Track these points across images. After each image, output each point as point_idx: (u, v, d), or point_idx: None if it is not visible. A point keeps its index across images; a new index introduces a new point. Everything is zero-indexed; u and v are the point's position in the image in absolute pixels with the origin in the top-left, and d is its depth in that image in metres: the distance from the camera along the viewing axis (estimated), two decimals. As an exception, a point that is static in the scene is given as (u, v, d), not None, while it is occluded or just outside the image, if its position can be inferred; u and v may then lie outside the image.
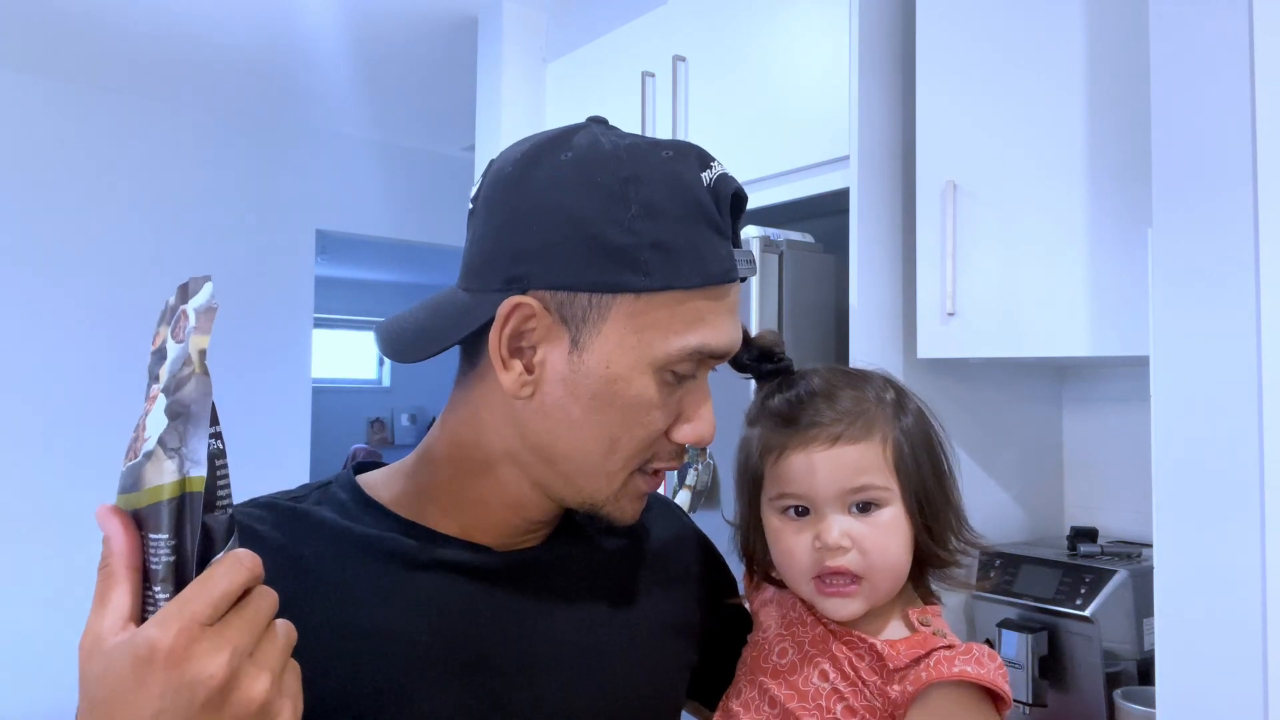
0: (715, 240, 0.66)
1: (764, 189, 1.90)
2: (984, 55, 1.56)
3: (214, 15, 2.77)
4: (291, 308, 3.84)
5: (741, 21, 1.96)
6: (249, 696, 0.47)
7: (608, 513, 0.70)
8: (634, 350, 0.65)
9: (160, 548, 0.49)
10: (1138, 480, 1.76)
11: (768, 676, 0.76)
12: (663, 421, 0.68)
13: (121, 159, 3.48)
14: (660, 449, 0.69)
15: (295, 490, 0.73)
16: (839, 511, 0.73)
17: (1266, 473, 1.01)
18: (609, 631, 0.74)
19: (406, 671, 0.64)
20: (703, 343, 0.66)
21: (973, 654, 0.70)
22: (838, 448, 0.73)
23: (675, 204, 0.65)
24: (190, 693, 0.46)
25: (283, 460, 3.72)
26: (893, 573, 0.74)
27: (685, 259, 0.65)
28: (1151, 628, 1.44)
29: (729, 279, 0.67)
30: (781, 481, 0.75)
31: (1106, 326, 1.38)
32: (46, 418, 3.30)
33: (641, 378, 0.66)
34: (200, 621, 0.46)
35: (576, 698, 0.70)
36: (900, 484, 0.74)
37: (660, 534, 0.84)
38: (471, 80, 2.86)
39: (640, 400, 0.66)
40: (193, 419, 0.49)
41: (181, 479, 0.48)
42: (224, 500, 0.50)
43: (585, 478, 0.68)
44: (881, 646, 0.72)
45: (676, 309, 0.65)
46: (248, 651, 0.48)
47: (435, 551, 0.69)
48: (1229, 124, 1.05)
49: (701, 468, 1.82)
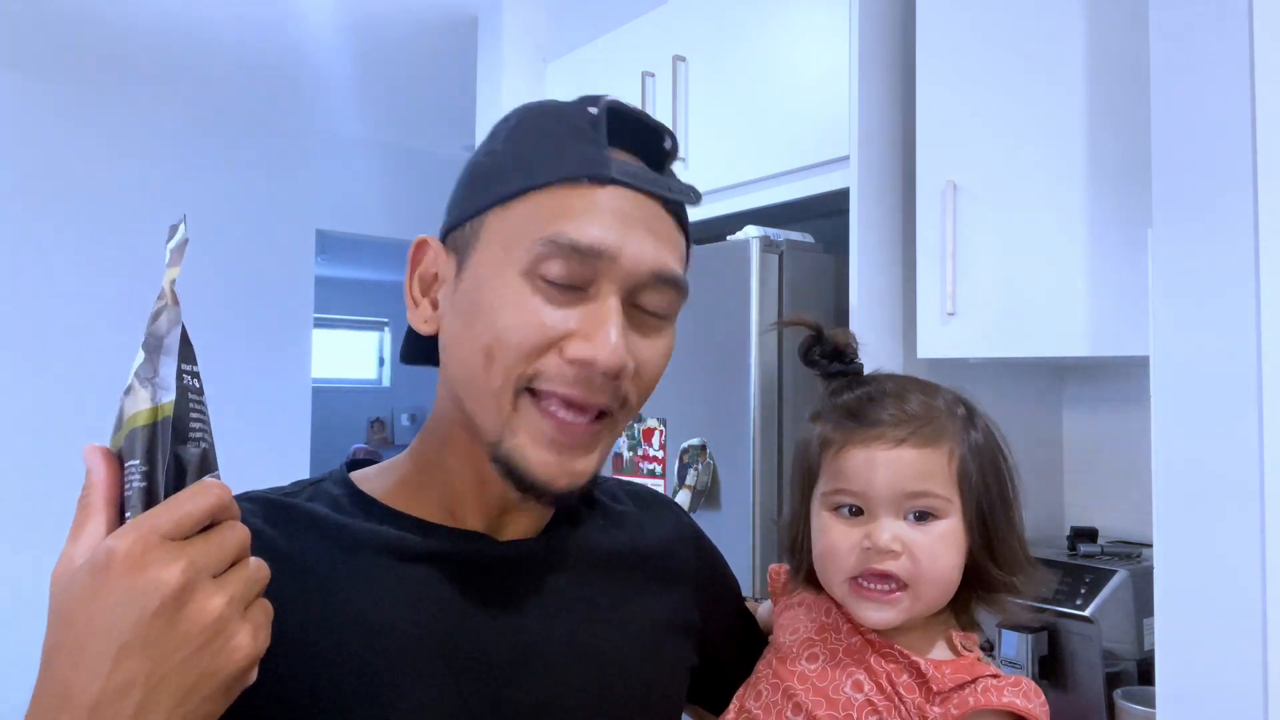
0: (578, 143, 0.66)
1: (764, 189, 1.90)
2: (984, 55, 1.56)
3: (214, 16, 2.77)
4: (291, 308, 3.84)
5: (741, 21, 1.96)
6: (203, 608, 0.47)
7: (507, 455, 0.65)
8: (499, 257, 0.65)
9: (133, 474, 0.50)
10: (1138, 480, 1.76)
11: (794, 681, 0.73)
12: (534, 327, 0.63)
13: (122, 159, 3.48)
14: (546, 366, 0.64)
15: (287, 486, 0.73)
16: (894, 516, 0.71)
17: (1266, 473, 1.01)
18: (606, 629, 0.73)
19: (400, 665, 0.64)
20: (558, 232, 0.63)
21: (1021, 687, 0.68)
22: (902, 449, 0.71)
23: (540, 123, 0.69)
24: (144, 599, 0.46)
25: (283, 460, 3.72)
26: (940, 587, 0.71)
27: (542, 162, 0.66)
28: (1151, 628, 1.44)
29: (596, 176, 0.64)
30: (839, 477, 0.73)
31: (1106, 326, 1.38)
32: (46, 418, 3.30)
33: (505, 283, 0.64)
34: (160, 533, 0.47)
35: (573, 695, 0.69)
36: (962, 498, 0.72)
37: (659, 532, 0.83)
38: (471, 80, 2.86)
39: (504, 301, 0.64)
40: (165, 349, 0.51)
41: (154, 406, 0.50)
42: (197, 434, 0.52)
43: (477, 404, 0.66)
44: (925, 665, 0.70)
45: (538, 210, 0.65)
46: (208, 569, 0.48)
47: (429, 544, 0.68)
48: (1229, 125, 1.05)
49: (701, 468, 1.82)
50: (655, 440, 1.96)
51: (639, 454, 1.99)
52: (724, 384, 1.81)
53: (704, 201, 0.63)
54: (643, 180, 0.66)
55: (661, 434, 1.94)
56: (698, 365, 1.87)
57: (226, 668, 0.48)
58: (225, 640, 0.48)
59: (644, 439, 1.98)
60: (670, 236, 0.68)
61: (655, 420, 1.96)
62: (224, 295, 3.65)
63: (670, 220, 0.69)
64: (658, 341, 0.69)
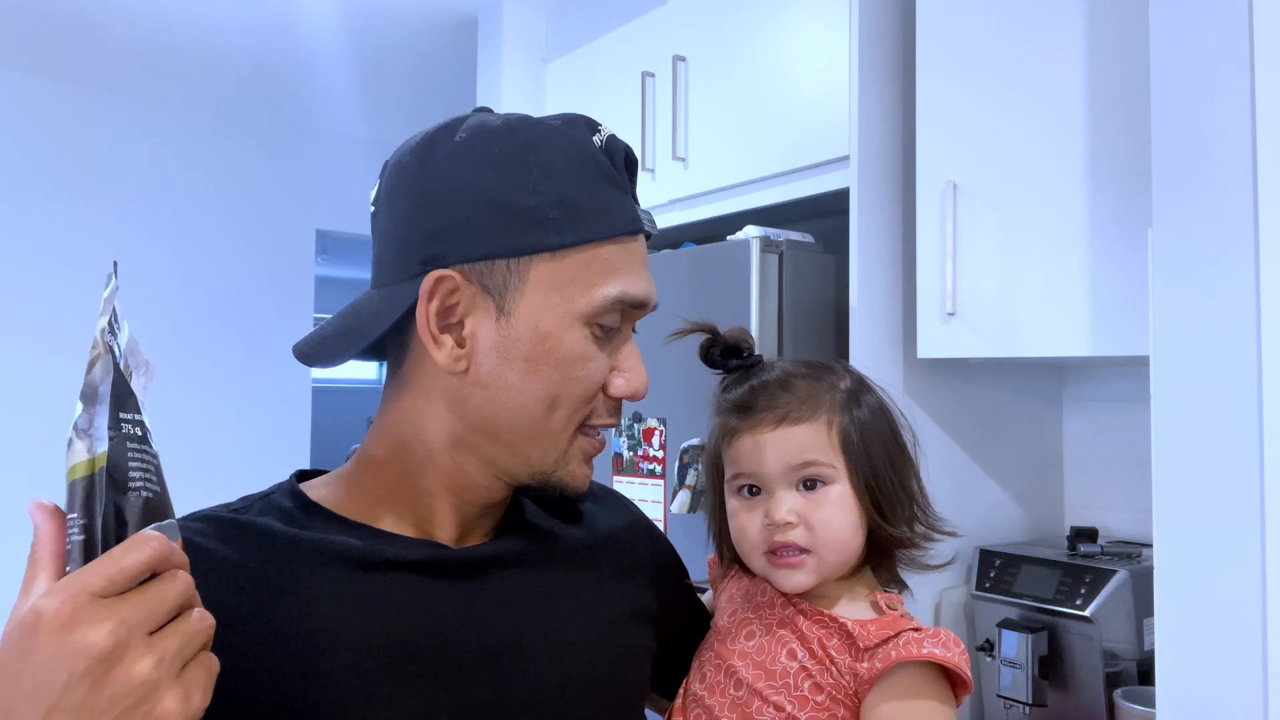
0: (617, 195, 0.70)
1: (764, 189, 1.90)
2: (984, 55, 1.56)
3: (214, 16, 2.77)
4: (291, 308, 3.84)
5: (741, 21, 1.96)
6: (130, 673, 0.45)
7: (559, 480, 0.71)
8: (559, 306, 0.67)
9: (72, 527, 0.49)
10: (1138, 480, 1.76)
11: (735, 658, 0.78)
12: (598, 374, 0.70)
13: (122, 159, 3.48)
14: (598, 405, 0.71)
15: (235, 503, 0.72)
16: (787, 489, 0.77)
17: (1266, 473, 1.01)
18: (571, 621, 0.74)
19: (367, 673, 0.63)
20: (624, 291, 0.69)
21: (940, 638, 0.73)
22: (783, 428, 0.77)
23: (574, 164, 0.68)
24: (71, 662, 0.44)
25: (283, 461, 3.72)
26: (839, 546, 0.77)
27: (592, 213, 0.67)
28: (1151, 628, 1.44)
29: (637, 230, 0.71)
30: (736, 462, 0.80)
31: (1106, 326, 1.38)
32: (45, 418, 3.30)
33: (571, 332, 0.68)
34: (91, 592, 0.45)
35: (542, 689, 0.69)
36: (848, 465, 0.78)
37: (611, 523, 0.84)
38: (471, 80, 2.86)
39: (574, 354, 0.68)
40: (99, 398, 0.50)
41: (90, 459, 0.49)
42: (138, 483, 0.50)
43: (531, 443, 0.69)
44: (853, 626, 0.75)
45: (592, 263, 0.68)
46: (142, 628, 0.46)
47: (385, 551, 0.68)
48: (1229, 124, 1.05)
49: (701, 468, 1.82)
50: (655, 440, 1.96)
51: (639, 454, 1.99)
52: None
53: (704, 201, 0.64)
54: (650, 226, 0.73)
55: (661, 434, 1.94)
56: (698, 365, 1.87)
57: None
58: (154, 704, 0.46)
59: (644, 439, 1.98)
60: None
61: (655, 420, 1.96)
62: (224, 295, 3.64)
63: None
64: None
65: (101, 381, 0.50)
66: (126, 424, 0.50)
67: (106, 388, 0.50)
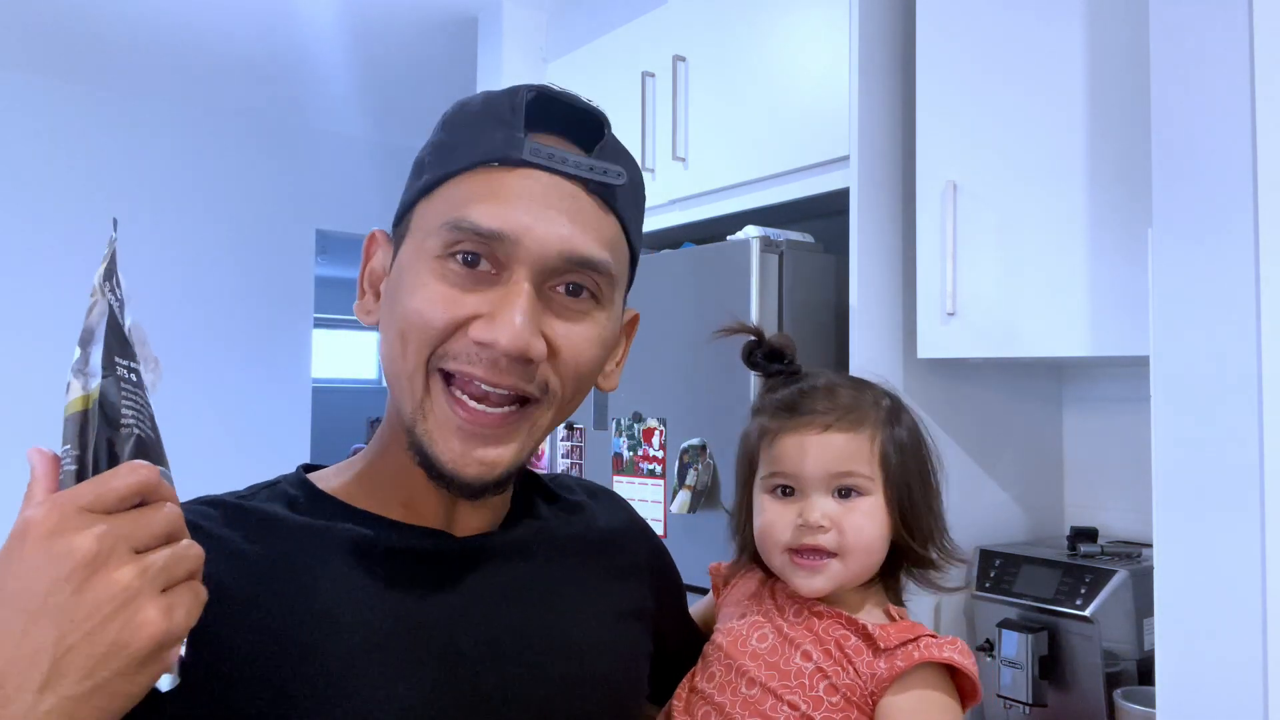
0: (494, 128, 0.66)
1: (764, 189, 1.90)
2: (984, 55, 1.56)
3: (214, 15, 2.77)
4: (291, 308, 3.84)
5: (741, 21, 1.96)
6: (112, 578, 0.46)
7: (426, 443, 0.65)
8: (418, 245, 0.67)
9: (65, 458, 0.50)
10: (1138, 480, 1.76)
11: (746, 659, 0.79)
12: (446, 311, 0.64)
13: (122, 159, 3.48)
14: (454, 346, 0.64)
15: (243, 490, 0.72)
16: (823, 494, 0.79)
17: (1266, 473, 1.01)
18: (572, 616, 0.74)
19: (369, 659, 0.64)
20: (461, 217, 0.64)
21: (957, 645, 0.76)
22: (829, 434, 0.79)
23: (467, 114, 0.69)
24: (55, 565, 0.45)
25: (283, 460, 3.71)
26: (865, 555, 0.79)
27: (461, 150, 0.67)
28: (1151, 628, 1.44)
29: (506, 160, 0.65)
30: (774, 462, 0.81)
31: (1106, 326, 1.38)
32: (46, 417, 3.30)
33: (419, 263, 0.66)
34: (77, 504, 0.47)
35: (544, 683, 0.69)
36: (883, 479, 0.80)
37: (610, 523, 0.85)
38: (471, 80, 2.86)
39: (414, 287, 0.66)
40: (94, 339, 0.52)
41: (85, 395, 0.51)
42: (130, 422, 0.52)
43: (396, 389, 0.68)
44: (872, 627, 0.77)
45: (453, 197, 0.66)
46: (126, 540, 0.47)
47: (391, 539, 0.68)
48: (1229, 125, 1.05)
49: (701, 468, 1.82)
50: (655, 440, 1.96)
51: (639, 454, 1.99)
52: (724, 384, 1.81)
53: (704, 201, 0.63)
54: (558, 162, 0.65)
55: (661, 434, 1.95)
56: (698, 365, 1.88)
57: (133, 642, 0.47)
58: (133, 613, 0.47)
59: (644, 439, 1.98)
60: (590, 219, 0.67)
61: (655, 420, 1.96)
62: (224, 295, 3.65)
63: (591, 202, 0.67)
64: (580, 327, 0.68)
65: (97, 325, 0.52)
66: (121, 368, 0.52)
67: (101, 330, 0.52)
